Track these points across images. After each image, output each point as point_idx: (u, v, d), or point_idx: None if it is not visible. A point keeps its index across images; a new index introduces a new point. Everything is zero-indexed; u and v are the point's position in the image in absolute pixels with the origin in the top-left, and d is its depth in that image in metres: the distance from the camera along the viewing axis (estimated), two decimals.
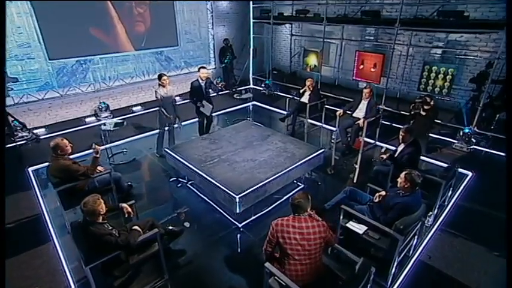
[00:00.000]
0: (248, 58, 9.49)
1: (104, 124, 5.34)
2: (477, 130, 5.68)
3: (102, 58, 7.41)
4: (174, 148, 4.89)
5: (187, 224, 3.92)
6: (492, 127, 5.88)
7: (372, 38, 7.96)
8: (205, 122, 5.98)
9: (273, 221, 2.57)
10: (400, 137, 4.07)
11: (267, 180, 3.98)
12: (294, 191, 4.58)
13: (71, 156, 4.07)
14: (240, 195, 3.67)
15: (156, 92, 5.21)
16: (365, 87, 5.64)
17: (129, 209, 3.28)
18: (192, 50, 8.97)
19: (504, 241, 3.15)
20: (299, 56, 9.32)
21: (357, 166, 5.25)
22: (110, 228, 2.96)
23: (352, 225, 3.39)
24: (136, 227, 3.05)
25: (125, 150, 5.90)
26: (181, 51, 8.74)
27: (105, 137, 5.51)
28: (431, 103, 5.02)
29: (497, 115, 5.83)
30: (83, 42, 7.01)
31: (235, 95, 8.38)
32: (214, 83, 5.87)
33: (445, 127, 6.25)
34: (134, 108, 7.90)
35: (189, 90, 5.75)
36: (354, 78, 7.64)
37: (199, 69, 5.60)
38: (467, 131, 5.58)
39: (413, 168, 3.36)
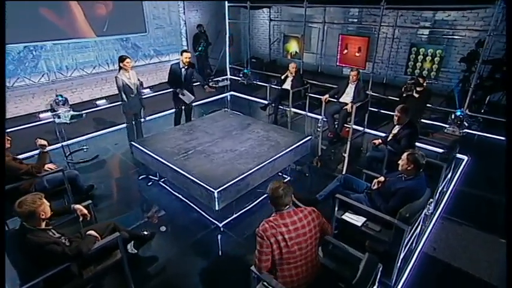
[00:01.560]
0: (224, 46, 8.90)
1: (58, 116, 4.60)
2: (469, 113, 5.43)
3: (56, 44, 6.54)
4: (141, 141, 4.35)
5: (163, 228, 3.44)
6: (482, 110, 5.67)
7: (356, 20, 7.63)
8: (182, 113, 5.40)
9: (257, 229, 2.03)
10: (395, 117, 3.70)
11: (249, 172, 3.53)
12: None
13: (20, 157, 3.47)
14: (218, 190, 3.20)
15: (117, 78, 4.54)
16: (351, 70, 5.26)
17: (84, 211, 2.71)
18: (162, 37, 8.24)
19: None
20: (279, 42, 8.90)
21: (346, 155, 4.92)
22: (57, 235, 2.39)
23: (349, 217, 3.00)
24: (91, 232, 2.51)
25: (85, 147, 5.23)
26: (149, 38, 8.00)
27: (60, 132, 4.77)
28: (424, 84, 4.70)
29: (488, 97, 5.62)
30: (31, 25, 6.12)
31: (211, 83, 7.78)
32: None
33: (436, 111, 6.00)
34: (98, 102, 7.12)
35: (159, 82, 5.12)
36: (337, 64, 7.29)
37: (181, 52, 5.02)
38: (459, 113, 5.32)
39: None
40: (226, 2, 8.60)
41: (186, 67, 4.95)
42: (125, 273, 2.64)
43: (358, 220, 2.94)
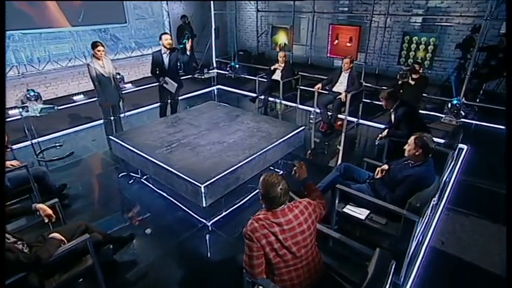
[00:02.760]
0: (210, 39, 8.51)
1: (26, 109, 4.15)
2: (465, 101, 5.25)
3: (26, 34, 6.00)
4: (120, 135, 4.01)
5: (148, 231, 3.09)
6: (478, 99, 5.51)
7: (347, 9, 7.38)
8: (168, 107, 5.05)
9: (244, 228, 1.71)
10: (383, 104, 3.49)
11: (239, 164, 3.23)
12: None
13: None
14: (205, 184, 2.88)
15: (89, 66, 4.11)
16: (345, 58, 4.99)
17: (48, 211, 2.33)
18: (143, 29, 7.78)
19: None
20: (266, 34, 8.58)
21: (341, 148, 4.68)
22: (12, 240, 2.02)
23: (351, 210, 2.72)
24: (55, 235, 2.15)
25: (57, 144, 4.81)
26: (130, 30, 7.52)
27: (29, 129, 4.32)
28: (420, 71, 4.49)
29: (484, 85, 5.46)
30: None
31: (196, 75, 7.39)
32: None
33: (431, 101, 5.82)
34: (75, 98, 6.62)
35: (142, 76, 4.72)
36: (328, 55, 7.04)
37: (160, 36, 4.57)
38: (455, 102, 5.13)
39: (419, 131, 2.73)
40: None
41: (168, 52, 4.55)
42: (98, 282, 2.29)
43: (361, 213, 2.66)
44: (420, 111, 5.30)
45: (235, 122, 4.27)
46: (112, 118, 4.56)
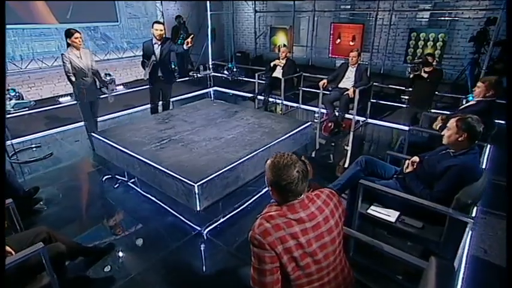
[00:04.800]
0: (206, 41, 8.17)
1: None
2: None
3: (7, 29, 5.45)
4: (104, 132, 3.60)
5: (139, 242, 2.60)
6: None
7: (349, 6, 7.08)
8: (159, 109, 4.66)
9: (250, 232, 1.21)
10: (477, 90, 2.98)
11: (240, 161, 2.79)
12: None
13: None
14: (199, 183, 2.44)
15: (63, 56, 3.55)
16: (352, 51, 4.63)
17: None
18: (136, 29, 7.38)
19: None
20: (265, 36, 8.27)
21: (349, 148, 4.27)
22: None
23: (377, 211, 2.25)
24: None
25: (34, 145, 4.34)
26: (122, 29, 7.13)
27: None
28: (434, 63, 4.11)
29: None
30: None
31: (191, 72, 6.97)
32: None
33: (444, 99, 5.42)
34: (61, 99, 6.14)
35: (134, 79, 4.29)
36: (330, 55, 6.70)
37: (152, 25, 4.17)
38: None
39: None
40: None
41: (160, 43, 4.15)
42: None
43: (390, 215, 2.19)
44: (432, 110, 4.93)
45: (233, 118, 3.90)
46: (96, 120, 4.09)
